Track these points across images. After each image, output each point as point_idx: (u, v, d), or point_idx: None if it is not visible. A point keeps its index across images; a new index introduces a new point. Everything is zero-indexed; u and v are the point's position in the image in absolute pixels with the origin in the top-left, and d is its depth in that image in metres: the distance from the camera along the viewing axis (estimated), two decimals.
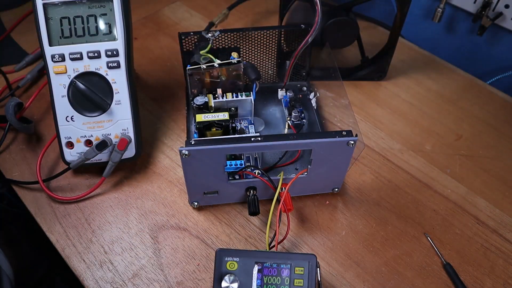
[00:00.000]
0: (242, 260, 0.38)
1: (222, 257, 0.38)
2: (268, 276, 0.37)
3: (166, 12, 0.82)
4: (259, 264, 0.38)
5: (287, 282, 0.37)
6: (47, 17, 0.50)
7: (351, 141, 0.44)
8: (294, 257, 0.38)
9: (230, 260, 0.38)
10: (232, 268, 0.38)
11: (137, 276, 0.46)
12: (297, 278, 0.37)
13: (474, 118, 0.64)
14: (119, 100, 0.52)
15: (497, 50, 0.74)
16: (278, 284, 0.37)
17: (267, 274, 0.38)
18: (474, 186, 0.55)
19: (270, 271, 0.38)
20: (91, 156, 0.51)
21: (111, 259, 0.47)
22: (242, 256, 0.38)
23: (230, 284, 0.37)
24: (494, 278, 0.47)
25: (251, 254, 0.39)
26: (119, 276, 0.46)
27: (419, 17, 0.80)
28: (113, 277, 0.46)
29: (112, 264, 0.47)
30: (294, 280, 0.37)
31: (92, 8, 0.50)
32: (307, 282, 0.37)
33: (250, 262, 0.38)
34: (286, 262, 0.38)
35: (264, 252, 0.40)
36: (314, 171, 0.48)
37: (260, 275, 0.37)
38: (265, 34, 0.59)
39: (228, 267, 0.38)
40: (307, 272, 0.37)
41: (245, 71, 0.57)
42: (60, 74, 0.51)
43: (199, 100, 0.55)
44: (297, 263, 0.38)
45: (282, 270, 0.38)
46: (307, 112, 0.60)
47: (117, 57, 0.51)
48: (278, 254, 0.39)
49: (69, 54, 0.50)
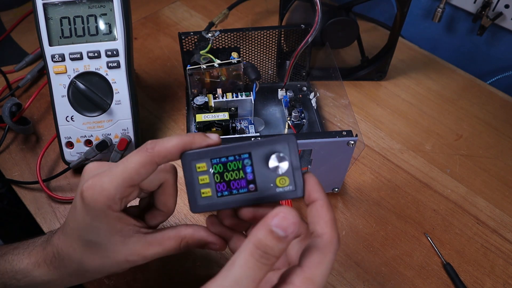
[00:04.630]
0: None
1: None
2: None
3: (166, 12, 0.82)
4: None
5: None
6: (47, 17, 0.50)
7: (351, 141, 0.44)
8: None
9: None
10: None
11: (138, 276, 0.46)
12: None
13: (474, 118, 0.64)
14: (119, 100, 0.52)
15: (497, 50, 0.74)
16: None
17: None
18: (474, 186, 0.55)
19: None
20: (91, 156, 0.51)
21: None
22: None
23: (279, 163, 0.33)
24: (494, 278, 0.47)
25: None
26: (120, 277, 0.46)
27: (419, 17, 0.80)
28: (114, 278, 0.46)
29: None
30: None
31: (92, 8, 0.50)
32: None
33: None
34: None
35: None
36: (314, 171, 0.48)
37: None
38: (265, 34, 0.59)
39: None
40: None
41: (245, 71, 0.57)
42: (60, 74, 0.51)
43: (199, 100, 0.55)
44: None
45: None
46: (307, 112, 0.60)
47: (117, 57, 0.51)
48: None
49: (69, 54, 0.50)
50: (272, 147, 0.33)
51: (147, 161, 0.32)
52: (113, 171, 0.32)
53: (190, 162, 0.34)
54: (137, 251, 0.34)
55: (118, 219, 0.34)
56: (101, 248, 0.34)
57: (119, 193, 0.32)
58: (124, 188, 0.32)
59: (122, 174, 0.32)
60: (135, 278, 0.46)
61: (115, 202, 0.32)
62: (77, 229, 0.34)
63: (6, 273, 0.37)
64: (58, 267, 0.36)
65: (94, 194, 0.32)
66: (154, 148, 0.32)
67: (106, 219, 0.33)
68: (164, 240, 0.35)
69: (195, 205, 0.34)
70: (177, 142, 0.33)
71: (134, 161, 0.32)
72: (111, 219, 0.33)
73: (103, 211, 0.32)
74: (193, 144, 0.33)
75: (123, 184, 0.32)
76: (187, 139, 0.33)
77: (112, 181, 0.32)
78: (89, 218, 0.33)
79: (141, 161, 0.32)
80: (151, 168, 0.33)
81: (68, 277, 0.37)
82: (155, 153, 0.32)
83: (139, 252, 0.34)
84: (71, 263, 0.35)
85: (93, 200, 0.32)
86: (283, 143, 0.33)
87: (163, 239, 0.35)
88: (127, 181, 0.32)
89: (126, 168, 0.32)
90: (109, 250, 0.34)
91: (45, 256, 0.37)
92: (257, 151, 0.33)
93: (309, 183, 0.33)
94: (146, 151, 0.32)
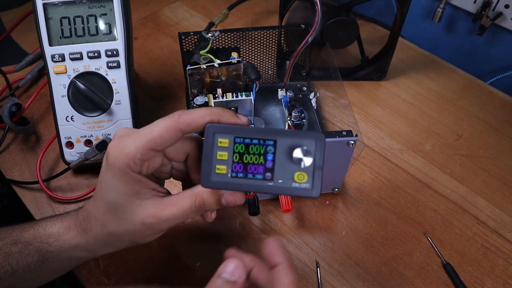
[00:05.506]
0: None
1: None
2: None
3: (166, 12, 0.82)
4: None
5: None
6: (47, 17, 0.50)
7: (351, 141, 0.44)
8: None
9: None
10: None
11: (138, 276, 0.46)
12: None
13: (474, 118, 0.64)
14: (119, 100, 0.52)
15: (497, 50, 0.74)
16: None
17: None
18: (474, 186, 0.55)
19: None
20: (91, 156, 0.51)
21: (112, 259, 0.47)
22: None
23: (303, 157, 0.32)
24: (494, 278, 0.47)
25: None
26: (120, 277, 0.46)
27: (419, 17, 0.80)
28: (114, 277, 0.46)
29: (112, 264, 0.47)
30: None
31: (92, 8, 0.50)
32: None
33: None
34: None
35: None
36: None
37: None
38: (265, 34, 0.59)
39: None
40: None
41: (245, 71, 0.57)
42: (60, 74, 0.51)
43: (199, 100, 0.55)
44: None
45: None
46: (307, 112, 0.60)
47: (117, 57, 0.51)
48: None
49: (69, 54, 0.50)
50: (300, 140, 0.33)
51: (171, 126, 0.33)
52: (137, 133, 0.34)
53: (213, 134, 0.33)
54: (152, 212, 0.35)
55: (136, 181, 0.34)
56: (120, 209, 0.35)
57: (140, 154, 0.33)
58: (146, 150, 0.33)
59: (146, 136, 0.33)
60: (136, 277, 0.46)
61: (134, 162, 0.33)
62: (101, 190, 0.36)
63: (39, 237, 0.39)
64: (85, 230, 0.38)
65: (116, 152, 0.33)
66: (180, 116, 0.34)
67: (125, 179, 0.34)
68: (179, 200, 0.35)
69: (207, 180, 0.33)
70: (205, 113, 0.34)
71: (159, 124, 0.33)
72: (130, 179, 0.34)
73: (123, 170, 0.34)
74: (221, 118, 0.34)
75: (145, 145, 0.33)
76: (217, 111, 0.34)
77: (135, 141, 0.33)
78: (110, 176, 0.34)
79: (165, 125, 0.33)
80: (175, 134, 0.34)
81: (94, 242, 0.38)
82: (181, 119, 0.33)
83: (154, 213, 0.35)
84: (96, 224, 0.37)
85: (114, 158, 0.33)
86: (311, 140, 0.33)
87: (178, 199, 0.36)
88: (149, 143, 0.33)
89: (150, 130, 0.33)
90: (126, 212, 0.35)
91: (76, 219, 0.39)
92: (284, 140, 0.33)
93: (271, 247, 0.34)
94: (172, 117, 0.34)
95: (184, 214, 0.35)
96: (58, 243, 0.38)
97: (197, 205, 0.35)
